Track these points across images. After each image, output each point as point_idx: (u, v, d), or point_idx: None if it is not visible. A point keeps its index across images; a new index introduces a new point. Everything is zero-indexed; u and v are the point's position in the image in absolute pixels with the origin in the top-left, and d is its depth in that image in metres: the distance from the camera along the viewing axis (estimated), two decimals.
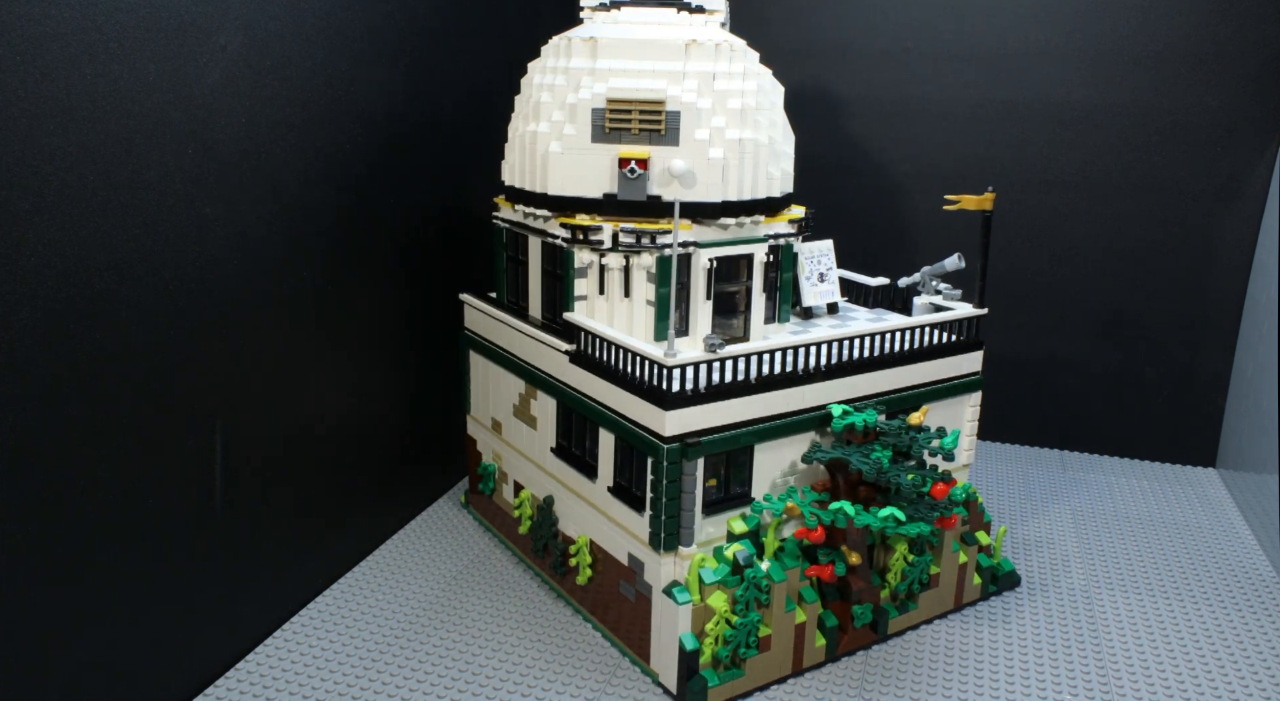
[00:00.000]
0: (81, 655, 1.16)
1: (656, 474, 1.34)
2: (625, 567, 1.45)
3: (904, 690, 1.41)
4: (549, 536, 1.62)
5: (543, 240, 1.58)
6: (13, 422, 1.04)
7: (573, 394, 1.52)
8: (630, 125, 1.46)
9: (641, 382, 1.36)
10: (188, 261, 1.26)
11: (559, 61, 1.54)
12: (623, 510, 1.44)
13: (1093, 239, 2.21)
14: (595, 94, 1.47)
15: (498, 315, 1.70)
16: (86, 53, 1.07)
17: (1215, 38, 2.05)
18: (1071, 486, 2.11)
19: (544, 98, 1.53)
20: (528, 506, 1.69)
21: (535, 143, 1.53)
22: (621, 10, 1.55)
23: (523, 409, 1.67)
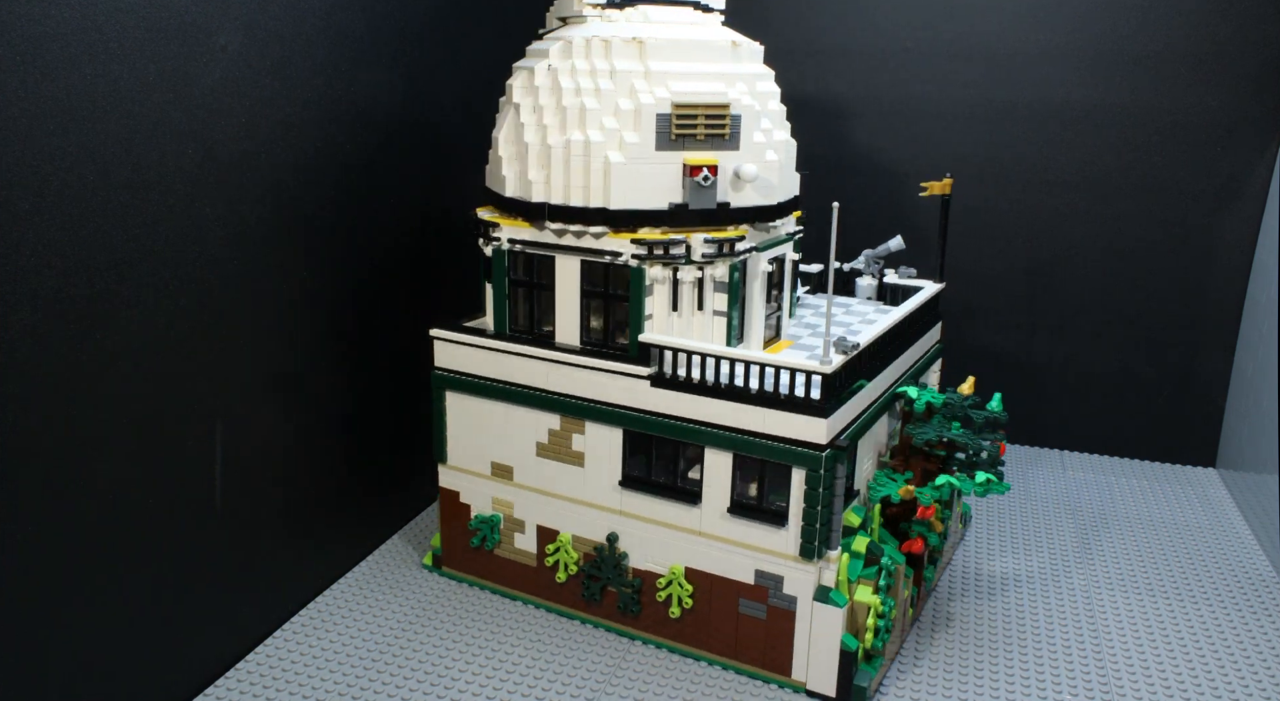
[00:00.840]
0: (81, 655, 1.16)
1: (811, 483, 1.33)
2: (751, 587, 1.41)
3: (904, 688, 1.41)
4: (612, 578, 1.51)
5: (583, 259, 1.45)
6: (13, 422, 1.04)
7: (655, 420, 1.43)
8: (696, 131, 1.41)
9: (786, 395, 1.34)
10: (188, 261, 1.26)
11: (597, 62, 1.43)
12: (748, 528, 1.39)
13: (1093, 239, 2.21)
14: (659, 98, 1.39)
15: (501, 347, 1.53)
16: (86, 53, 1.07)
17: (1215, 38, 2.05)
18: (1071, 486, 2.11)
19: (589, 103, 1.41)
20: (569, 552, 1.54)
21: (588, 153, 1.40)
22: (636, 9, 1.48)
23: (557, 446, 1.52)
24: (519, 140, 1.47)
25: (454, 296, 1.98)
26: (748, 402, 1.36)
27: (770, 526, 1.38)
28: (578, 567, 1.53)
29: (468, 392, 1.58)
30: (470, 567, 1.65)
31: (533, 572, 1.59)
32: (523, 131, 1.46)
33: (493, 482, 1.60)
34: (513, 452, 1.57)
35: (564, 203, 1.43)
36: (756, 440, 1.36)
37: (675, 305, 1.44)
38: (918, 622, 1.58)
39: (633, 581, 1.49)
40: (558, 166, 1.43)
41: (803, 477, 1.34)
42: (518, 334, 1.55)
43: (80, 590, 1.16)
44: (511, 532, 1.60)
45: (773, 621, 1.40)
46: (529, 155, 1.46)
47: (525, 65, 1.52)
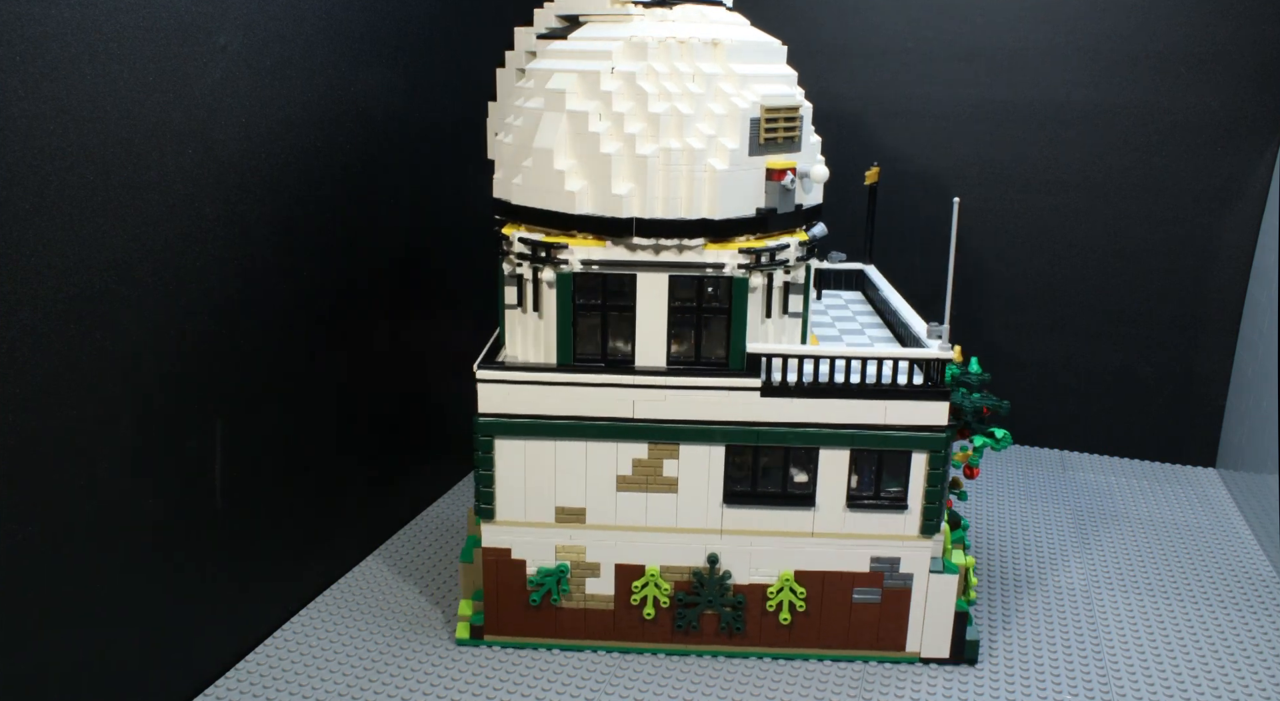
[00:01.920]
0: (81, 655, 1.16)
1: (934, 464, 1.41)
2: (865, 574, 1.45)
3: (904, 690, 1.41)
4: (714, 600, 1.46)
5: (671, 275, 1.38)
6: (13, 422, 1.04)
7: (765, 430, 1.41)
8: (778, 134, 1.39)
9: (906, 385, 1.40)
10: (188, 261, 1.26)
11: (678, 65, 1.36)
12: (866, 519, 1.44)
13: (1093, 239, 2.21)
14: (751, 103, 1.35)
15: (573, 380, 1.40)
16: (86, 53, 1.07)
17: (1215, 38, 2.05)
18: (1071, 486, 2.11)
19: (683, 108, 1.33)
20: (660, 584, 1.47)
21: (688, 161, 1.33)
22: (673, 9, 1.43)
23: (645, 476, 1.45)
24: (592, 151, 1.35)
25: (454, 295, 1.99)
26: (868, 398, 1.40)
27: (890, 512, 1.44)
28: (669, 599, 1.47)
29: (525, 436, 1.42)
30: (526, 629, 1.50)
31: (609, 617, 1.49)
32: (597, 142, 1.34)
33: (557, 530, 1.46)
34: (585, 493, 1.45)
35: (656, 216, 1.35)
36: (876, 433, 1.41)
37: (769, 311, 1.42)
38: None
39: (735, 599, 1.47)
40: (651, 178, 1.34)
41: (925, 460, 1.41)
42: (586, 362, 1.42)
43: (80, 590, 1.16)
44: (582, 579, 1.48)
45: (887, 602, 1.47)
46: (613, 167, 1.34)
47: (564, 67, 1.39)
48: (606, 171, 1.34)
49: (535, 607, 1.48)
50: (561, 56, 1.42)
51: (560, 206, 1.37)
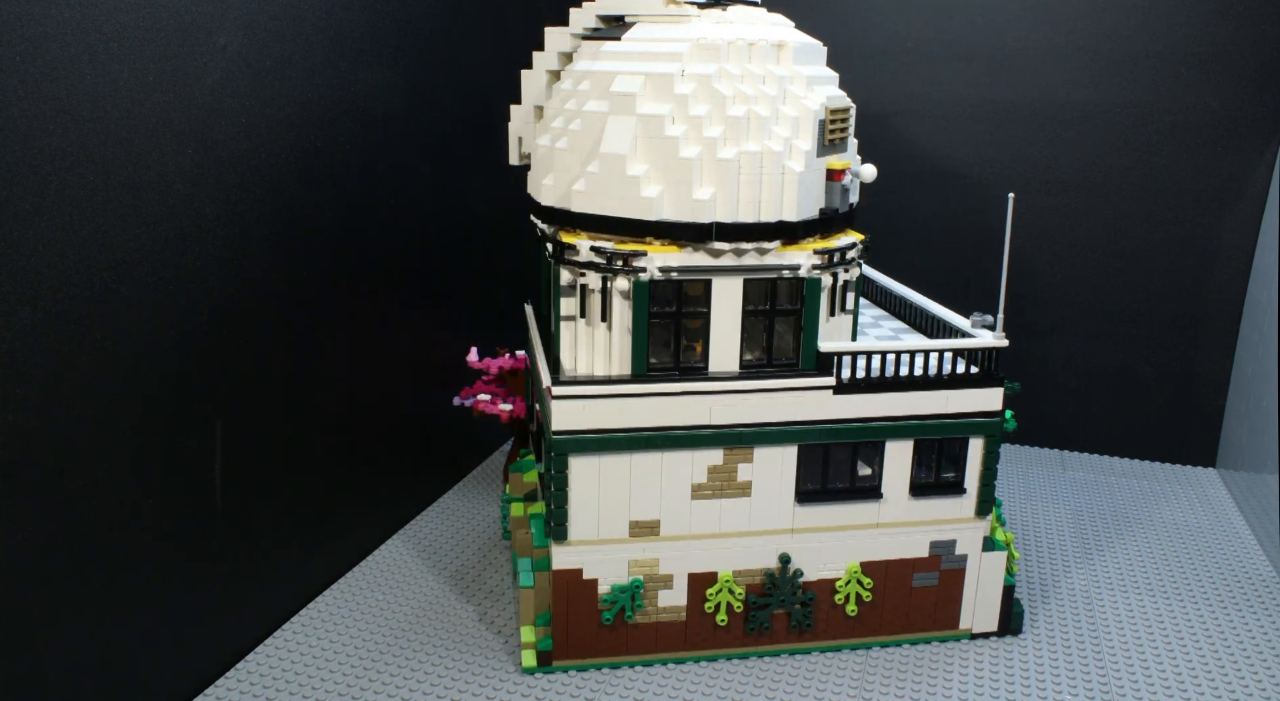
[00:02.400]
0: (82, 655, 1.16)
1: (990, 447, 1.48)
2: (925, 559, 1.51)
3: (904, 689, 1.41)
4: (785, 599, 1.47)
5: (745, 278, 1.37)
6: (13, 422, 1.04)
7: (836, 428, 1.43)
8: (837, 134, 1.40)
9: (964, 374, 1.47)
10: (188, 261, 1.26)
11: (750, 67, 1.35)
12: (928, 505, 1.49)
13: (1093, 239, 2.21)
14: (821, 105, 1.36)
15: (653, 391, 1.38)
16: (86, 53, 1.07)
17: (1215, 38, 2.05)
18: (1071, 486, 2.11)
19: (760, 111, 1.33)
20: (733, 590, 1.46)
21: (766, 164, 1.32)
22: (727, 10, 1.43)
23: (720, 482, 1.44)
24: (670, 156, 1.32)
25: (455, 295, 1.99)
26: (931, 388, 1.45)
27: (950, 497, 1.50)
28: (742, 603, 1.47)
29: (599, 452, 1.38)
30: (597, 650, 1.45)
31: (681, 627, 1.47)
32: (676, 146, 1.32)
33: (630, 545, 1.43)
34: (659, 504, 1.42)
35: (739, 220, 1.34)
36: (938, 422, 1.46)
37: (833, 310, 1.43)
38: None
39: (805, 596, 1.47)
40: (729, 181, 1.32)
41: (981, 444, 1.48)
42: (659, 372, 1.40)
43: (80, 590, 1.16)
44: (655, 592, 1.45)
45: (943, 584, 1.52)
46: (694, 172, 1.32)
47: (628, 69, 1.35)
48: (687, 176, 1.32)
49: (606, 627, 1.44)
50: (621, 58, 1.37)
51: (636, 213, 1.34)
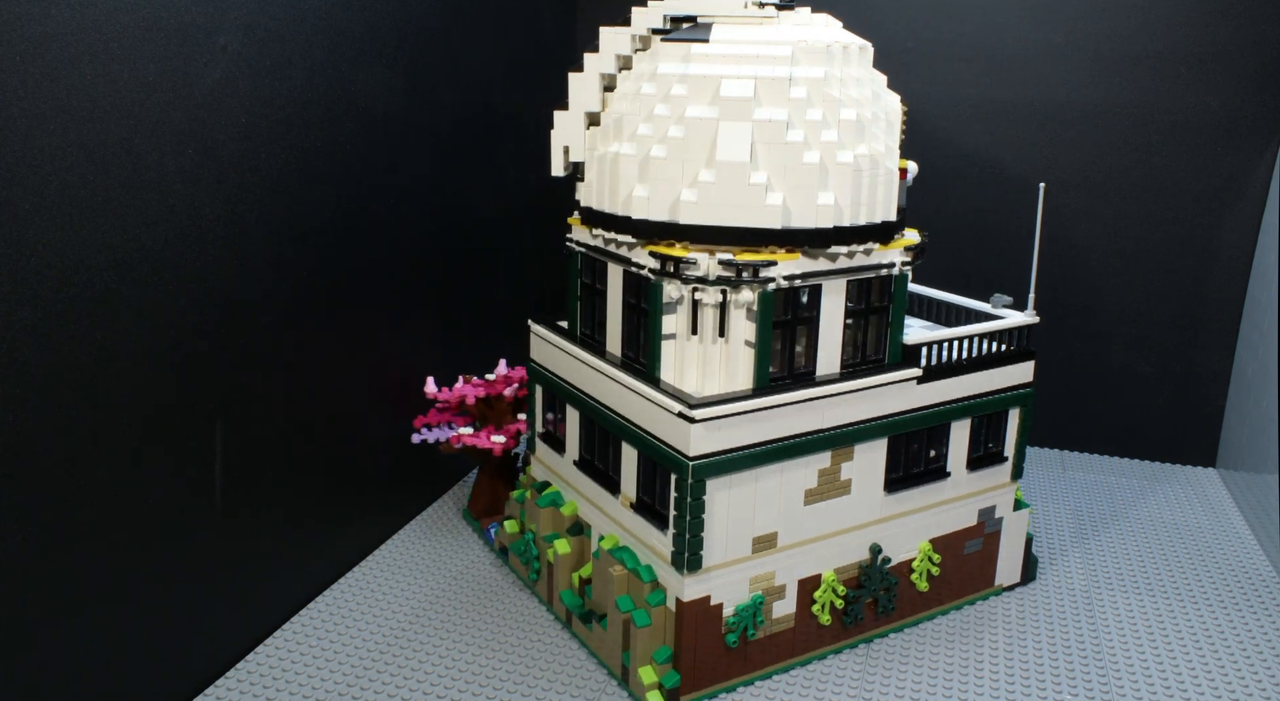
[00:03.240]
0: (82, 655, 1.16)
1: (1024, 416, 1.62)
2: (974, 527, 1.61)
3: (904, 689, 1.41)
4: (875, 587, 1.49)
5: (849, 280, 1.39)
6: (13, 422, 1.04)
7: (918, 415, 1.49)
8: (903, 134, 1.45)
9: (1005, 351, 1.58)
10: (188, 261, 1.26)
11: (849, 71, 1.37)
12: (980, 476, 1.60)
13: (1093, 239, 2.21)
14: (899, 106, 1.44)
15: (779, 402, 1.34)
16: (86, 53, 1.07)
17: (1215, 38, 2.05)
18: (1071, 486, 2.11)
19: (865, 114, 1.34)
20: (835, 588, 1.46)
21: (876, 166, 1.35)
22: (797, 12, 1.44)
23: (827, 484, 1.43)
24: (791, 162, 1.30)
25: (454, 295, 1.99)
26: (988, 368, 1.55)
27: (995, 466, 1.62)
28: (842, 599, 1.47)
29: (730, 472, 1.33)
30: (722, 674, 1.39)
31: (790, 635, 1.45)
32: (798, 151, 1.30)
33: (752, 562, 1.38)
34: (777, 516, 1.39)
35: (856, 222, 1.35)
36: (991, 398, 1.57)
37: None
38: (919, 626, 1.58)
39: (890, 580, 1.51)
40: (848, 185, 1.32)
41: (1018, 413, 1.61)
42: (780, 382, 1.38)
43: (80, 590, 1.16)
44: (771, 605, 1.41)
45: (985, 547, 1.64)
46: (816, 177, 1.31)
47: (734, 73, 1.32)
48: (810, 181, 1.31)
49: (728, 650, 1.39)
50: (721, 61, 1.33)
51: (760, 222, 1.30)
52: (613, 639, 1.40)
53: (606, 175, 1.40)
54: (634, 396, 1.38)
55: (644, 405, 1.36)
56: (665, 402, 1.31)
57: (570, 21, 2.44)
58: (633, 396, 1.38)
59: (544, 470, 1.70)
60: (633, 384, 1.38)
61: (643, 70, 1.40)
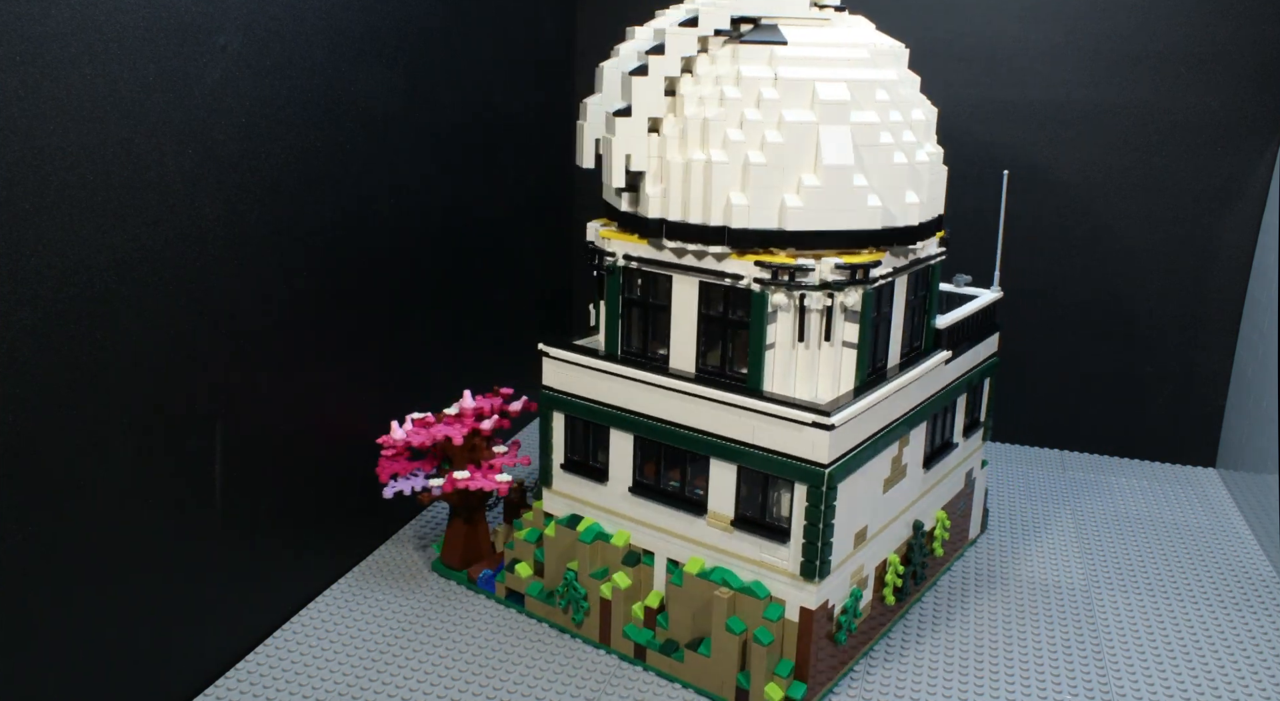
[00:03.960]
0: (82, 655, 1.16)
1: (993, 384, 1.79)
2: (963, 489, 1.74)
3: (904, 689, 1.41)
4: (918, 562, 1.57)
5: (910, 273, 1.45)
6: (13, 422, 1.04)
7: (947, 391, 1.60)
8: None
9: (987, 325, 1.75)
10: (188, 261, 1.26)
11: (905, 73, 1.47)
12: (969, 442, 1.74)
13: (1093, 239, 2.21)
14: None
15: (879, 397, 1.37)
16: (86, 53, 1.07)
17: (1215, 38, 2.05)
18: (1071, 486, 2.11)
19: (924, 114, 1.45)
20: (898, 569, 1.51)
21: (937, 163, 1.45)
22: (853, 16, 1.50)
23: (896, 471, 1.47)
24: (884, 163, 1.33)
25: (454, 294, 1.99)
26: (981, 340, 1.70)
27: (975, 431, 1.76)
28: (901, 577, 1.52)
29: (848, 474, 1.33)
30: (832, 673, 1.40)
31: (868, 622, 1.47)
32: (890, 153, 1.33)
33: (852, 559, 1.39)
34: (869, 509, 1.41)
35: (921, 220, 1.39)
36: (977, 370, 1.70)
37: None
38: (920, 625, 1.58)
39: (925, 551, 1.60)
40: (924, 184, 1.39)
41: (989, 382, 1.78)
42: (873, 378, 1.40)
43: (80, 590, 1.16)
44: (860, 597, 1.43)
45: (966, 505, 1.77)
46: (908, 177, 1.35)
47: (826, 76, 1.32)
48: (900, 181, 1.34)
49: (837, 648, 1.39)
50: (807, 64, 1.32)
51: (862, 224, 1.31)
52: (721, 663, 1.36)
53: (694, 184, 1.32)
54: (730, 411, 1.34)
55: (750, 419, 1.32)
56: (789, 413, 1.29)
57: (570, 21, 2.44)
58: (729, 411, 1.34)
59: (567, 503, 1.56)
60: (731, 399, 1.34)
61: (719, 73, 1.34)
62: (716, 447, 1.36)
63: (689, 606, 1.40)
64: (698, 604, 1.39)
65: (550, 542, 1.53)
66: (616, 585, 1.44)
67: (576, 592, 1.48)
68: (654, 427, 1.42)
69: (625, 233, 1.42)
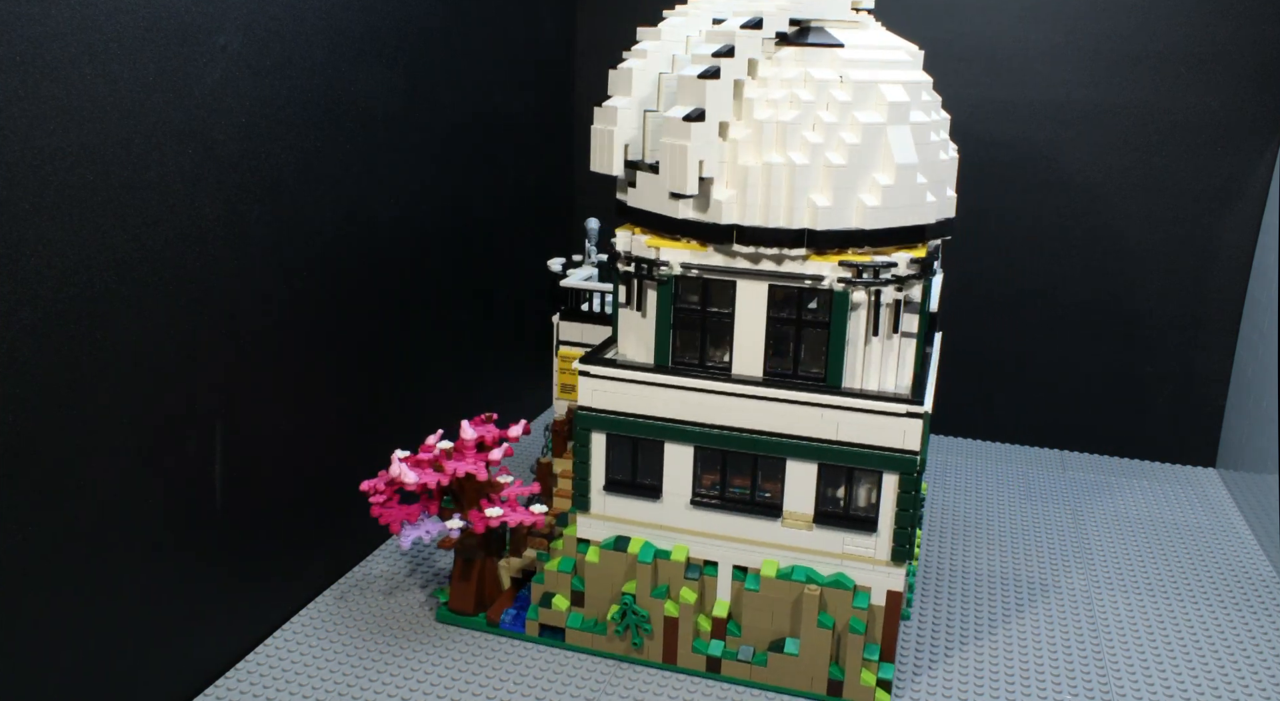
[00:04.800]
0: (82, 655, 1.17)
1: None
2: None
3: (904, 689, 1.41)
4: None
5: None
6: (13, 422, 1.04)
7: None
8: None
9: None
10: (188, 261, 1.26)
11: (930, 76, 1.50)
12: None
13: (1093, 239, 2.21)
14: None
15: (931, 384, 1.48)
16: (86, 53, 1.07)
17: (1215, 38, 2.05)
18: (1071, 486, 2.11)
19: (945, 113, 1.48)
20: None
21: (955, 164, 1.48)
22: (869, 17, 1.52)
23: None
24: (935, 160, 1.37)
25: (454, 294, 1.99)
26: None
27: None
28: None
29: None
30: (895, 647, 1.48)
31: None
32: (939, 150, 1.38)
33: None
34: None
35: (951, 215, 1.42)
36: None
37: None
38: (919, 625, 1.58)
39: None
40: (954, 178, 1.42)
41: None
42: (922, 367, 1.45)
43: (80, 590, 1.16)
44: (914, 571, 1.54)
45: None
46: (949, 173, 1.40)
47: (885, 78, 1.34)
48: (944, 176, 1.38)
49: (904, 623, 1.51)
50: (866, 67, 1.35)
51: (922, 219, 1.36)
52: (811, 660, 1.38)
53: (776, 188, 1.32)
54: (810, 410, 1.36)
55: (834, 415, 1.35)
56: (879, 406, 1.33)
57: (570, 21, 2.44)
58: (808, 411, 1.36)
59: (608, 526, 1.49)
60: (813, 398, 1.36)
61: (787, 75, 1.34)
62: (794, 448, 1.37)
63: (766, 610, 1.40)
64: (777, 605, 1.40)
65: (593, 569, 1.47)
66: (684, 601, 1.42)
67: (638, 616, 1.43)
68: (717, 436, 1.40)
69: (676, 240, 1.39)
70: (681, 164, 1.29)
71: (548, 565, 1.50)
